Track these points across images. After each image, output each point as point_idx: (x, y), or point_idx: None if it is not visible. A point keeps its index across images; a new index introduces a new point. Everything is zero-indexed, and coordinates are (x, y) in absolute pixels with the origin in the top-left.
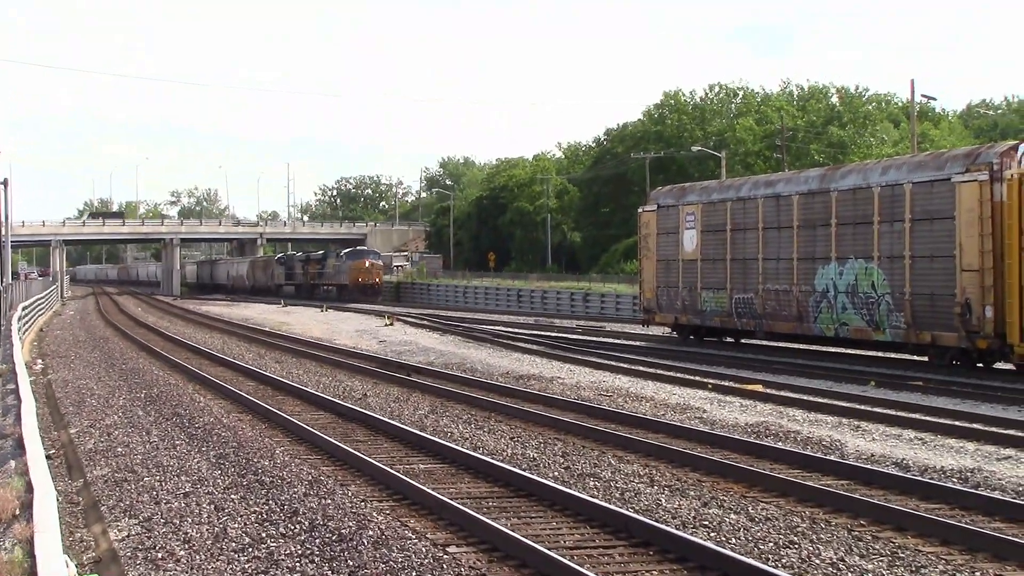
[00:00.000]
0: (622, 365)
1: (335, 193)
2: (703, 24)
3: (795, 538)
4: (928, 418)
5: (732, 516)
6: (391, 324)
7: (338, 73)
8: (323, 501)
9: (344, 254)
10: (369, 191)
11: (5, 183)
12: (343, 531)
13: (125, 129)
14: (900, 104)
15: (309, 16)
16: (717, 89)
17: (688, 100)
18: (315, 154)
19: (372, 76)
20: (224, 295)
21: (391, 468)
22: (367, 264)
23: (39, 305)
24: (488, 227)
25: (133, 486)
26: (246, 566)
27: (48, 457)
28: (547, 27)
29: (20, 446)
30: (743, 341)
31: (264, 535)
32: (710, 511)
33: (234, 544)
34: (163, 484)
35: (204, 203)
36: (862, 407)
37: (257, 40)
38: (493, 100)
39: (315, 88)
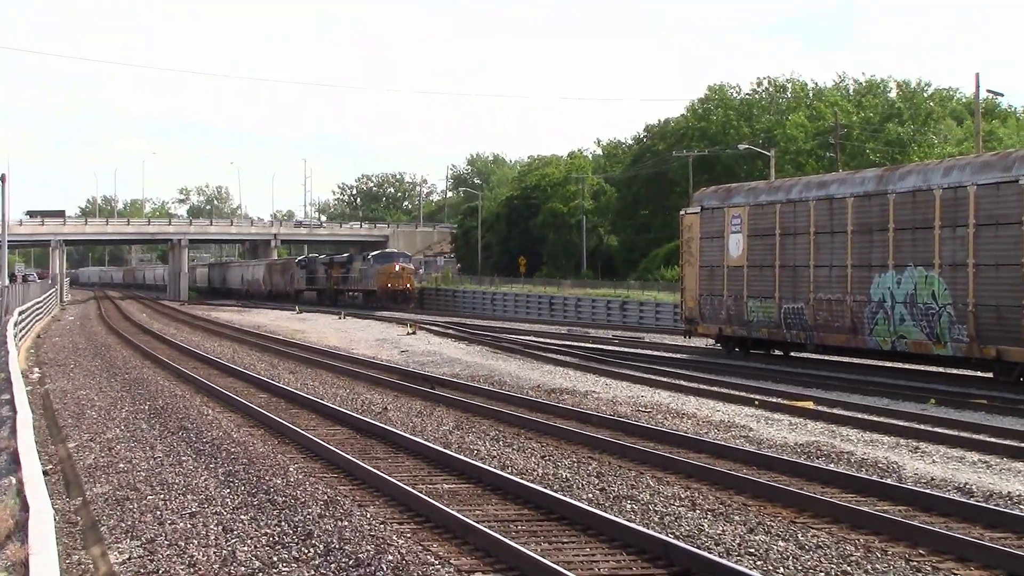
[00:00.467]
0: (662, 379)
1: (355, 192)
2: (750, 15)
3: (848, 568)
4: (993, 439)
5: (780, 543)
6: (414, 333)
7: (360, 65)
8: (339, 523)
9: (372, 257)
10: (392, 190)
11: (3, 179)
12: (360, 555)
13: (132, 122)
14: (964, 100)
15: (330, 6)
16: (765, 83)
17: (734, 95)
18: (334, 150)
19: (397, 68)
20: (236, 301)
21: (413, 488)
22: (397, 268)
23: (37, 309)
24: (519, 229)
25: (136, 505)
26: None
27: (45, 473)
28: (585, 19)
29: (15, 461)
30: (792, 354)
31: (276, 559)
32: (756, 537)
33: (243, 568)
34: (168, 503)
35: (215, 201)
36: (921, 427)
37: (274, 31)
38: (526, 94)
39: (334, 80)
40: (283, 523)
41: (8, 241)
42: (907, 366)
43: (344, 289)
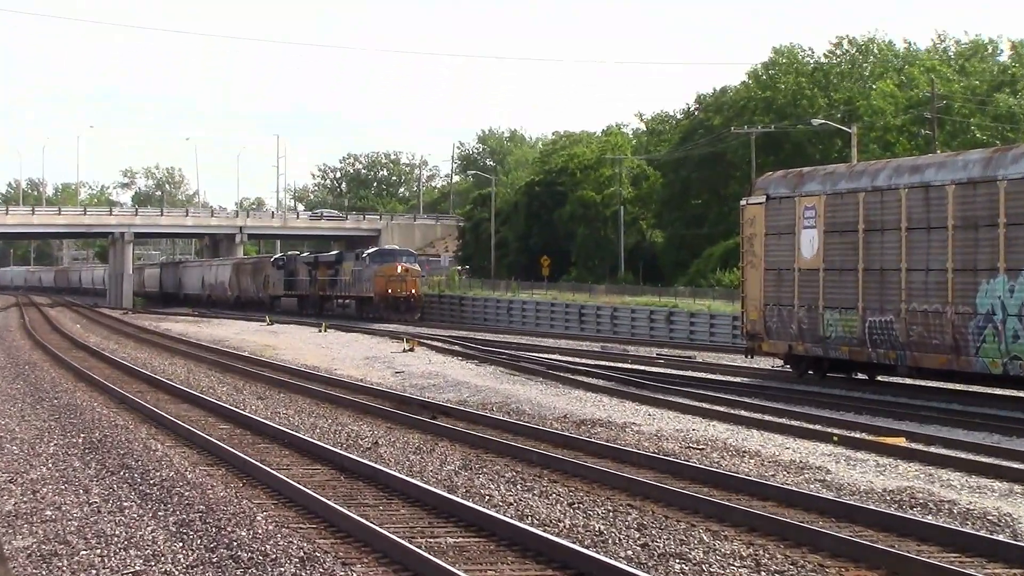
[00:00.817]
0: (718, 409)
1: (339, 176)
2: None
3: None
4: None
5: None
6: (411, 349)
7: (345, 21)
8: None
9: (368, 256)
10: (385, 173)
11: None
12: None
13: (63, 89)
14: None
15: None
16: (845, 44)
17: (807, 59)
18: (313, 125)
19: (391, 24)
20: (192, 309)
21: (410, 543)
22: (399, 269)
23: None
24: (541, 222)
25: (66, 563)
26: None
27: None
28: None
29: None
30: (880, 378)
31: None
32: None
33: None
34: (105, 560)
35: (166, 186)
36: None
37: None
38: (549, 56)
39: (313, 39)
40: None
41: None
42: (1022, 394)
43: (332, 295)
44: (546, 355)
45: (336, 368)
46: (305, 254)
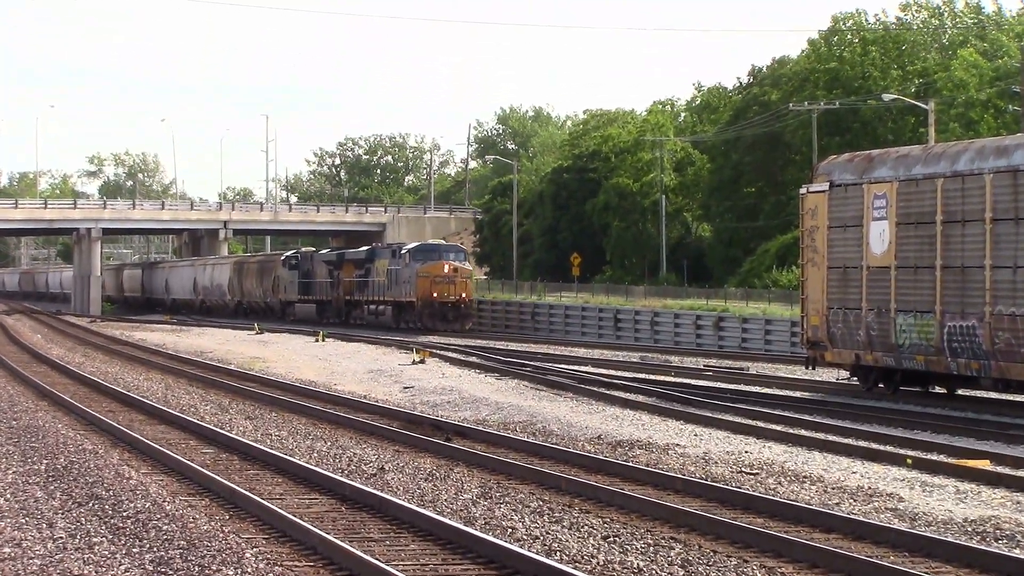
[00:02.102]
0: (774, 427)
1: (338, 162)
2: None
3: None
4: None
5: None
6: (422, 361)
7: None
8: None
9: (408, 251)
10: (390, 158)
11: None
12: None
13: (19, 65)
14: None
15: None
16: (916, 8)
17: (876, 25)
18: (307, 104)
19: None
20: (170, 315)
21: None
22: (447, 268)
23: None
24: (570, 214)
25: None
26: None
27: None
28: None
29: None
30: (960, 392)
31: None
32: None
33: None
34: None
35: (139, 175)
36: None
37: None
38: (579, 23)
39: (306, 5)
40: None
41: None
42: None
43: (362, 300)
44: (576, 367)
45: (336, 383)
46: (325, 251)
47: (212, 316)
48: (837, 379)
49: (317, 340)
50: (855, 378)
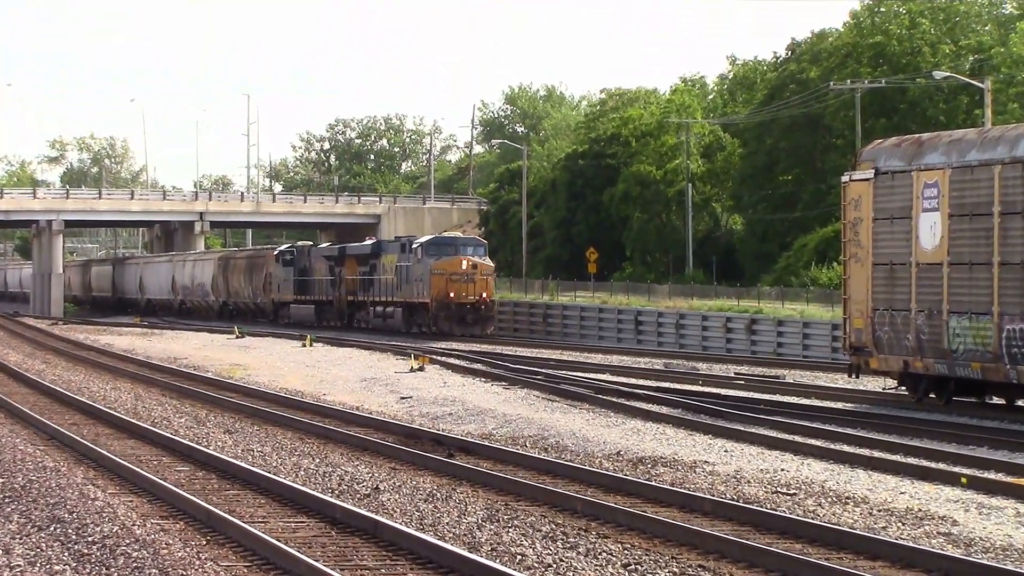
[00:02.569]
0: (813, 442)
1: (327, 147)
2: None
3: None
4: None
5: None
6: (421, 369)
7: None
8: None
9: (420, 246)
10: (385, 142)
11: None
12: None
13: None
14: None
15: None
16: None
17: None
18: (293, 83)
19: None
20: (139, 317)
21: None
22: (465, 265)
23: None
24: (586, 205)
25: None
26: None
27: None
28: None
29: None
30: (1021, 403)
31: None
32: None
33: None
34: None
35: (106, 162)
36: None
37: None
38: None
39: None
40: None
41: None
42: None
43: (367, 301)
44: (593, 375)
45: (325, 393)
46: (325, 245)
47: (193, 319)
48: (883, 388)
49: (304, 345)
50: (903, 387)
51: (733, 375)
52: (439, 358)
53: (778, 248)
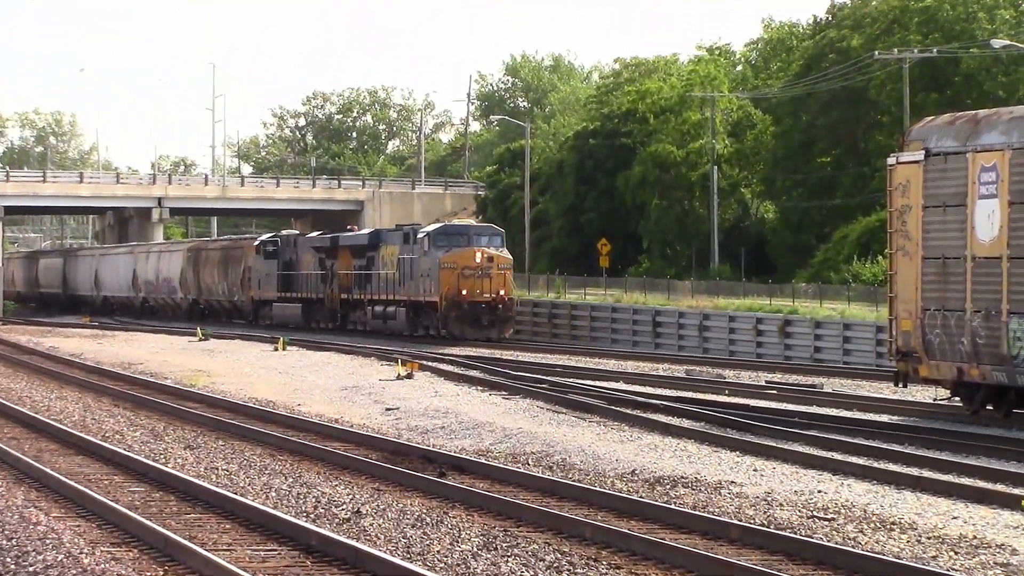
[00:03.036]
0: (854, 460)
1: (304, 123)
2: None
3: None
4: None
5: None
6: (409, 376)
7: None
8: None
9: (427, 235)
10: (369, 119)
11: None
12: None
13: None
14: None
15: None
16: None
17: None
18: (265, 52)
19: None
20: (89, 316)
21: None
22: (479, 258)
23: None
24: (598, 190)
25: None
26: None
27: None
28: None
29: None
30: None
31: None
32: None
33: None
34: None
35: (54, 139)
36: None
37: None
38: None
39: None
40: None
41: None
42: None
43: (363, 299)
44: (605, 383)
45: (300, 403)
46: (315, 235)
47: (158, 319)
48: (934, 399)
49: (276, 348)
50: (957, 398)
51: (764, 384)
52: (430, 364)
53: (815, 240)
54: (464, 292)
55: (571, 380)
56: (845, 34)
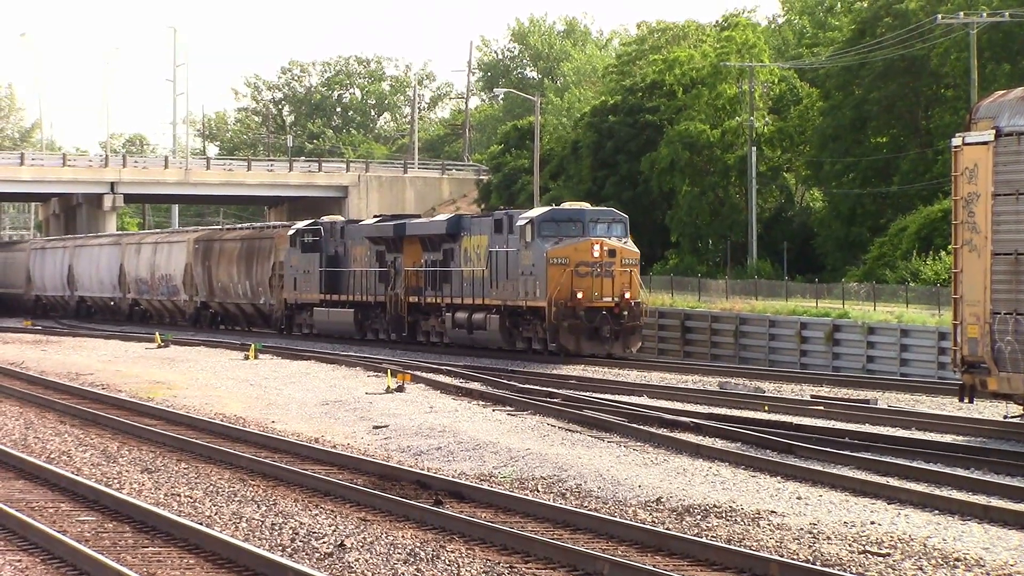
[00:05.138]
0: (913, 486)
1: (279, 97)
2: None
3: None
4: None
5: None
6: (399, 388)
7: None
8: None
9: (528, 223)
10: (356, 92)
11: None
12: None
13: None
14: None
15: None
16: None
17: None
18: (234, 15)
19: None
20: (31, 321)
21: None
22: (597, 251)
23: None
24: (619, 176)
25: None
26: None
27: None
28: None
29: None
30: None
31: None
32: None
33: None
34: None
35: None
36: None
37: None
38: None
39: None
40: None
41: None
42: None
43: (440, 303)
44: (626, 397)
45: (275, 420)
46: (371, 222)
47: (151, 324)
48: (1005, 417)
49: (247, 357)
50: None
51: (809, 399)
52: (423, 374)
53: (869, 232)
54: (579, 295)
55: (587, 394)
56: None
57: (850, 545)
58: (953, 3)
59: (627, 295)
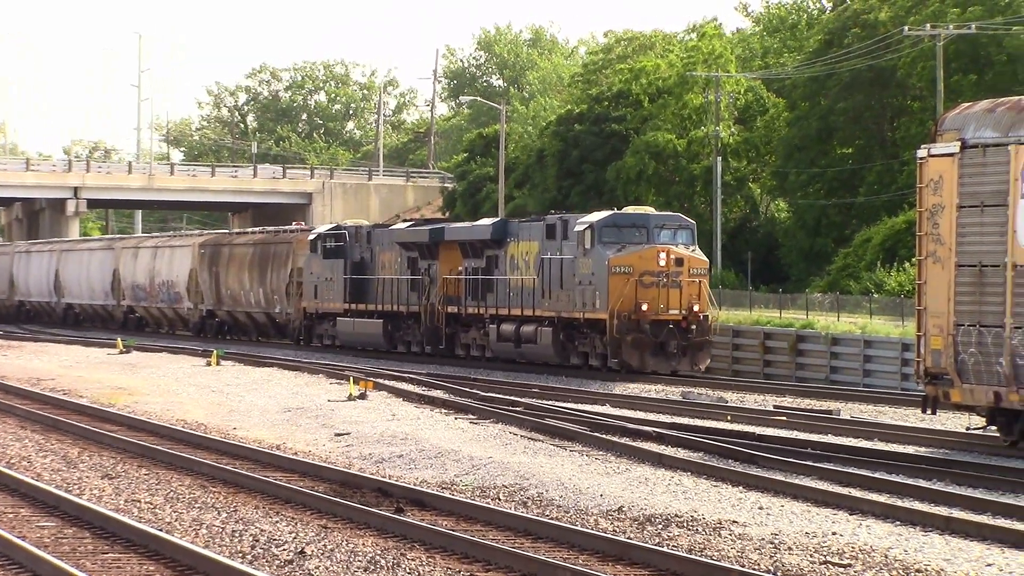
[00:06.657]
0: (875, 497)
1: (244, 101)
2: None
3: None
4: None
5: None
6: (362, 395)
7: None
8: None
9: (587, 228)
10: (323, 99)
11: None
12: None
13: None
14: None
15: None
16: None
17: None
18: (199, 22)
19: None
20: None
21: None
22: (663, 260)
23: None
24: (584, 184)
25: None
26: None
27: None
28: None
29: None
30: None
31: None
32: None
33: None
34: None
35: None
36: None
37: None
38: None
39: None
40: None
41: None
42: None
43: (483, 314)
44: (589, 406)
45: (236, 427)
46: (403, 226)
47: (149, 336)
48: (967, 428)
49: (209, 363)
50: (993, 427)
51: (771, 409)
52: (383, 381)
53: (833, 243)
54: (644, 307)
55: (548, 402)
56: (871, 5)
57: (811, 556)
58: (921, 14)
59: (696, 308)
